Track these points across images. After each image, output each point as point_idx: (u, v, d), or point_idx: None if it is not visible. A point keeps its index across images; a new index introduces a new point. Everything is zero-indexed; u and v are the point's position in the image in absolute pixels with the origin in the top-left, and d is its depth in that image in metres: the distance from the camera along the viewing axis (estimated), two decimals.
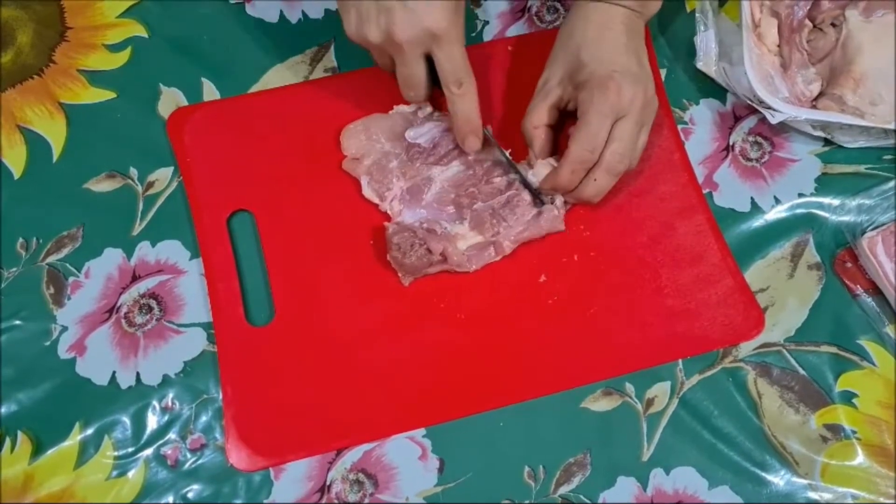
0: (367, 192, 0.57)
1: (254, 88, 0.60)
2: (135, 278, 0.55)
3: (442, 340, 0.54)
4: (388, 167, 0.57)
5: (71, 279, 0.55)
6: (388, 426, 0.53)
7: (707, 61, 0.60)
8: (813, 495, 0.52)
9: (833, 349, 0.55)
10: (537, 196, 0.56)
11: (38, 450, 0.51)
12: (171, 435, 0.52)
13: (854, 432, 0.53)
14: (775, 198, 0.59)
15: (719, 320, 0.55)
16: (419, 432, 0.53)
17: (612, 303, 0.56)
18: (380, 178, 0.57)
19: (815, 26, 0.62)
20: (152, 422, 0.52)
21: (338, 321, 0.55)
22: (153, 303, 0.55)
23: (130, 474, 0.51)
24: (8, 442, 0.51)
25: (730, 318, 0.55)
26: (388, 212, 0.57)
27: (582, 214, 0.57)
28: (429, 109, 0.58)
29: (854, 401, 0.54)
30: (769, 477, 0.52)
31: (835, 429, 0.54)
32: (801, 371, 0.55)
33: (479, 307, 0.55)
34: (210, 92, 0.60)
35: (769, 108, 0.57)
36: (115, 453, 0.51)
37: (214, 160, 0.58)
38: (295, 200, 0.57)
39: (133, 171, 0.58)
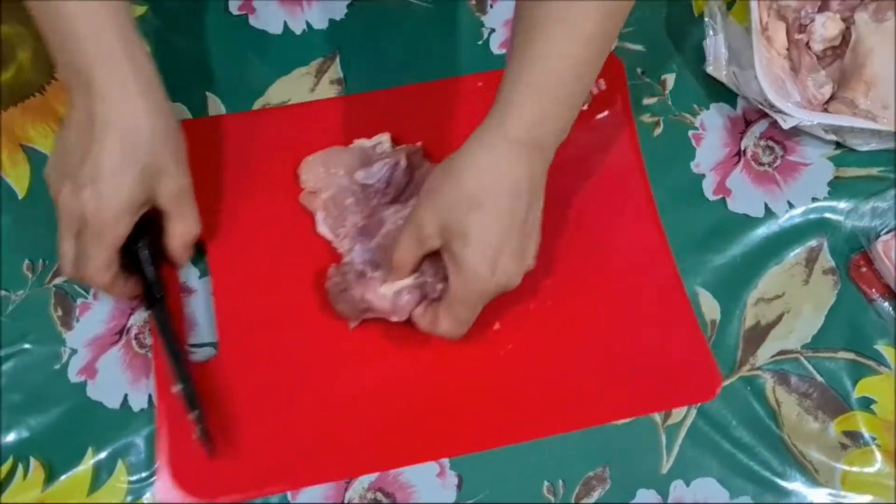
0: (322, 227, 0.55)
1: (259, 101, 0.59)
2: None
3: (387, 385, 0.52)
4: (344, 203, 0.55)
5: (79, 301, 0.54)
6: (329, 471, 0.51)
7: (717, 66, 0.60)
8: (834, 503, 0.52)
9: (850, 355, 0.55)
10: None
11: (50, 476, 0.50)
12: None
13: (874, 439, 0.53)
14: (789, 202, 0.58)
15: (678, 379, 0.53)
16: None
17: (567, 356, 0.54)
18: (335, 213, 0.55)
19: None
20: None
21: (281, 362, 0.53)
22: None
23: (145, 498, 0.50)
24: (20, 469, 0.51)
25: (688, 378, 0.54)
26: (340, 249, 0.54)
27: (543, 263, 0.53)
28: (387, 145, 0.56)
29: (872, 407, 0.54)
30: (789, 486, 0.52)
31: (854, 436, 0.53)
32: (819, 378, 0.54)
33: (427, 352, 0.53)
34: (214, 106, 0.59)
35: (781, 112, 0.57)
36: (130, 478, 0.51)
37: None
38: (249, 231, 0.55)
39: None
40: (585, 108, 0.59)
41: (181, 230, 0.50)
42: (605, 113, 0.60)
